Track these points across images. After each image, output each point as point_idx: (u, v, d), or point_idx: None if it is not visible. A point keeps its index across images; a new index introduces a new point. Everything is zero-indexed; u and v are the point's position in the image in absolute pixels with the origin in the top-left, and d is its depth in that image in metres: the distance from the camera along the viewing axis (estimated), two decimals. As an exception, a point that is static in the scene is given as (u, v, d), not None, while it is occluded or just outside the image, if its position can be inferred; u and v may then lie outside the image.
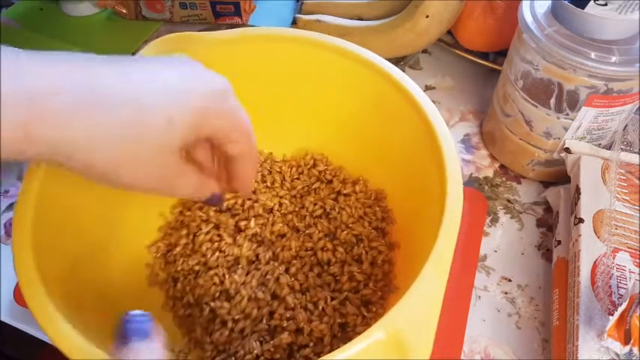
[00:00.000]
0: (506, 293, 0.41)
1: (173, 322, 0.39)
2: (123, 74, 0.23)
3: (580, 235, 0.37)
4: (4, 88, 0.19)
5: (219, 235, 0.41)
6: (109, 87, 0.22)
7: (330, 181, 0.44)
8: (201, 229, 0.41)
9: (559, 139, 0.43)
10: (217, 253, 0.40)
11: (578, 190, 0.40)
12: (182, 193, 0.29)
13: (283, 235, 0.41)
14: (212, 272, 0.39)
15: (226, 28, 0.44)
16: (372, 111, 0.40)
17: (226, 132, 0.27)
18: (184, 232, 0.41)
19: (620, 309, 0.31)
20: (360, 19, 0.58)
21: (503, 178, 0.49)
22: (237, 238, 0.40)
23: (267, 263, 0.40)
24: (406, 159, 0.38)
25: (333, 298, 0.38)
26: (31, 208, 0.30)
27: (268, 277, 0.39)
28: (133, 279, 0.39)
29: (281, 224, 0.41)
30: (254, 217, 0.42)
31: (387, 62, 0.37)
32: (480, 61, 0.54)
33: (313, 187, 0.44)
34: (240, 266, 0.39)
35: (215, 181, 0.31)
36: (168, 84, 0.24)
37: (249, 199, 0.42)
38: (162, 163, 0.25)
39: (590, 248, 0.36)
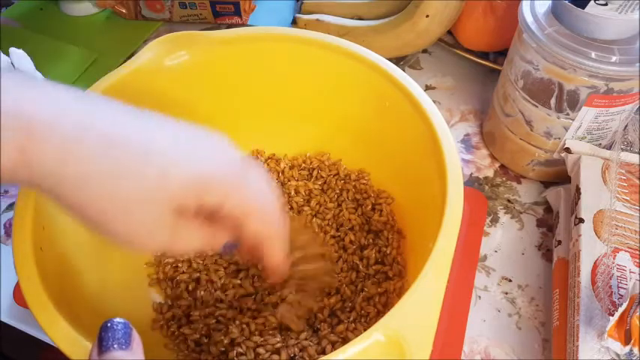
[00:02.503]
0: (506, 293, 0.41)
1: (171, 321, 0.38)
2: (142, 123, 0.24)
3: (580, 235, 0.37)
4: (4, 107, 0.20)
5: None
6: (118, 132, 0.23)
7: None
8: None
9: (559, 139, 0.43)
10: (216, 256, 0.40)
11: (578, 190, 0.40)
12: (184, 249, 0.27)
13: None
14: (209, 275, 0.39)
15: (226, 28, 0.44)
16: (373, 111, 0.40)
17: (238, 211, 0.26)
18: None
19: (621, 309, 0.31)
20: (360, 18, 0.58)
21: (504, 178, 0.49)
22: None
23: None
24: (407, 159, 0.38)
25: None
26: (31, 208, 0.30)
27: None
28: (133, 278, 0.39)
29: None
30: None
31: (389, 62, 0.37)
32: (480, 61, 0.54)
33: (315, 188, 0.44)
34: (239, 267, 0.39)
35: (227, 231, 0.28)
36: (177, 143, 0.24)
37: None
38: (155, 218, 0.24)
39: (590, 248, 0.36)
